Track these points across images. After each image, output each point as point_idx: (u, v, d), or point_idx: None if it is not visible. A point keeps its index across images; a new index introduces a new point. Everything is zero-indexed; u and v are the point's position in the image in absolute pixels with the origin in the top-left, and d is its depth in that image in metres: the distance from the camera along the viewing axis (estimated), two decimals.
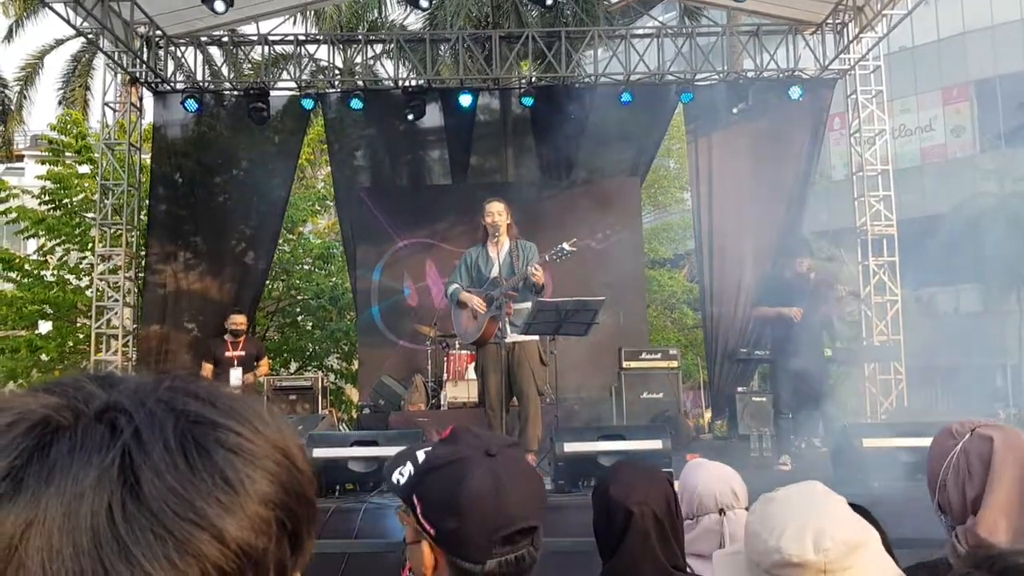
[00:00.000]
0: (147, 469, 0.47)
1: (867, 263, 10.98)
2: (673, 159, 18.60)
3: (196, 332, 11.10)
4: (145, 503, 0.46)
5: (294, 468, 0.53)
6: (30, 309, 14.70)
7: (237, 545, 0.48)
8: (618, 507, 2.03)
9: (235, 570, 0.48)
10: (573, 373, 9.49)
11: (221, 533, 0.47)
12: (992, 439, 1.87)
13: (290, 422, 1.59)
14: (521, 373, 6.38)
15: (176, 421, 0.50)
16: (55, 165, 15.35)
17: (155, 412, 0.50)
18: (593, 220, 10.85)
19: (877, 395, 10.80)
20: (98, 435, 0.48)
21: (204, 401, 0.52)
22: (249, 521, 0.49)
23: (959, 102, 25.08)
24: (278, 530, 0.51)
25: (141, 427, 0.49)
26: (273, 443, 0.53)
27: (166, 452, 0.48)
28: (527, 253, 6.46)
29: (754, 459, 7.94)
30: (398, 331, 11.13)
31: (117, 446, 0.48)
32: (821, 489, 1.49)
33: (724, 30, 11.93)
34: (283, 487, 0.52)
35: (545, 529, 1.46)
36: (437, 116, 11.44)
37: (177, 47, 11.43)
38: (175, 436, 0.49)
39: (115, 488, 0.46)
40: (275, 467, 0.52)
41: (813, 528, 1.38)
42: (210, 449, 0.50)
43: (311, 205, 16.99)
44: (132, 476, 0.47)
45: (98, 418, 0.49)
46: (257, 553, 0.49)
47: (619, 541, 2.01)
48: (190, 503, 0.47)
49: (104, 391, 0.51)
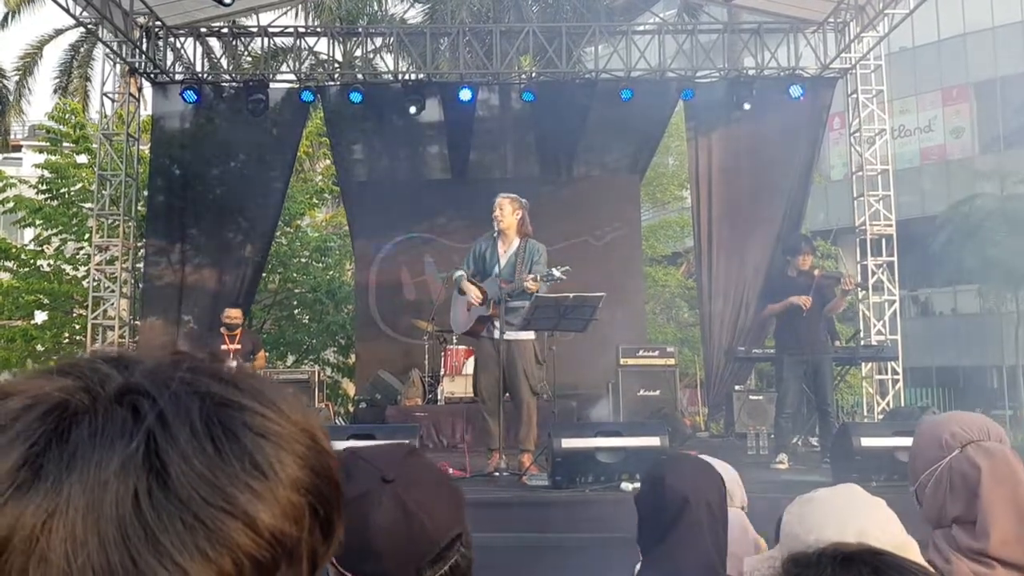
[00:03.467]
0: (174, 454, 0.45)
1: (866, 263, 10.97)
2: (672, 156, 18.58)
3: (192, 324, 11.07)
4: (173, 490, 0.44)
5: (322, 451, 0.51)
6: (26, 299, 14.67)
7: (271, 533, 0.46)
8: (674, 495, 1.99)
9: (269, 560, 0.46)
10: (570, 369, 9.48)
11: (254, 521, 0.45)
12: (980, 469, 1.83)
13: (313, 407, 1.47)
14: (512, 372, 6.30)
15: (202, 404, 0.47)
16: (53, 155, 15.31)
17: (180, 394, 0.47)
18: (592, 216, 10.84)
19: (874, 395, 10.81)
20: (120, 419, 0.46)
21: (228, 383, 0.50)
22: (281, 508, 0.47)
23: (959, 103, 25.07)
24: (311, 517, 0.49)
25: (166, 410, 0.46)
26: (300, 426, 0.50)
27: (193, 437, 0.46)
28: (532, 256, 6.36)
29: (751, 457, 7.93)
30: (395, 325, 11.11)
31: (141, 431, 0.45)
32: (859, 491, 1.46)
33: (725, 27, 11.90)
34: (313, 471, 0.49)
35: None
36: (437, 110, 11.40)
37: (176, 38, 11.39)
38: (201, 420, 0.47)
39: (141, 475, 0.44)
40: (304, 450, 0.49)
41: (855, 528, 1.35)
42: (238, 433, 0.47)
43: (309, 198, 16.96)
44: (159, 462, 0.44)
45: (118, 401, 0.47)
46: (291, 541, 0.47)
47: (668, 530, 1.97)
48: (220, 490, 0.45)
49: (120, 373, 0.49)
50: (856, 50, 10.99)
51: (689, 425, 10.11)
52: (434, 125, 11.60)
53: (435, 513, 1.23)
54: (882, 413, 10.38)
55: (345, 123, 11.75)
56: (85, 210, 14.17)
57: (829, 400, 7.52)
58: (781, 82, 11.03)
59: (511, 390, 6.39)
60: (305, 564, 0.48)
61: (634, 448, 5.69)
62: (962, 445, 1.87)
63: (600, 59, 11.59)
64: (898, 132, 23.73)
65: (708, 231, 11.30)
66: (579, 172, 11.72)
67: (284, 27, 11.89)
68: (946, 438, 1.90)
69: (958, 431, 1.90)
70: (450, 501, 1.28)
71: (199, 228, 11.37)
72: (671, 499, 2.00)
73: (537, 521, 4.94)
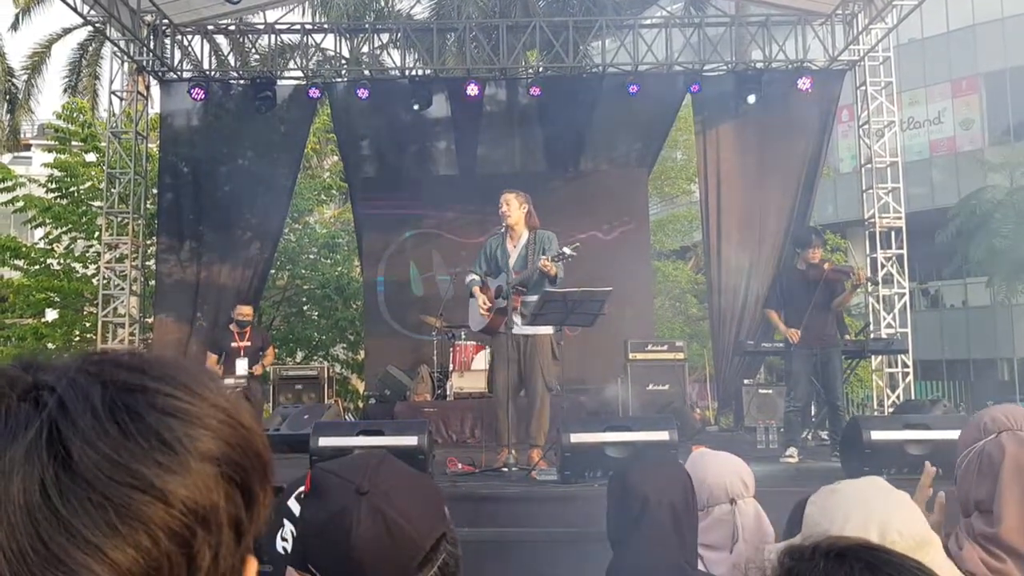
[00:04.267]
0: (76, 439, 0.46)
1: (875, 256, 10.93)
2: (680, 150, 18.53)
3: (202, 322, 11.11)
4: (79, 473, 0.46)
5: (239, 425, 0.53)
6: (37, 297, 14.72)
7: (183, 504, 0.47)
8: (635, 494, 2.00)
9: (185, 529, 0.47)
10: (579, 364, 9.48)
11: (164, 493, 0.47)
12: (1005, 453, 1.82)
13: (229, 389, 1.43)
14: (531, 366, 6.35)
15: (104, 390, 0.49)
16: (62, 153, 15.36)
17: (79, 382, 0.49)
18: (600, 211, 10.82)
19: (884, 388, 10.78)
20: (23, 413, 0.47)
21: (133, 369, 0.51)
22: (193, 479, 0.48)
23: (968, 94, 24.95)
24: (227, 486, 0.50)
25: (65, 398, 0.48)
26: (212, 403, 0.52)
27: (95, 420, 0.47)
28: (543, 244, 6.41)
29: (760, 451, 7.91)
30: (404, 321, 11.13)
31: (43, 420, 0.47)
32: (884, 483, 1.46)
33: (733, 20, 11.86)
34: (227, 443, 0.51)
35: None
36: (444, 106, 11.41)
37: (184, 36, 11.41)
38: (103, 404, 0.48)
39: (47, 462, 0.45)
40: (217, 424, 0.51)
41: (878, 521, 1.35)
42: (143, 413, 0.49)
43: (317, 194, 16.97)
44: (62, 448, 0.46)
45: (22, 398, 0.48)
46: (206, 510, 0.48)
47: (632, 530, 1.98)
48: (126, 467, 0.46)
49: (29, 374, 0.51)
50: (865, 42, 10.93)
51: (699, 419, 10.10)
52: (441, 121, 11.61)
53: (415, 517, 1.21)
54: (892, 406, 10.35)
55: (352, 119, 11.77)
56: (94, 208, 14.21)
57: (839, 394, 7.49)
58: (789, 75, 10.99)
59: (527, 384, 6.41)
60: (227, 531, 0.50)
61: (643, 443, 5.68)
62: (999, 431, 1.87)
63: (607, 53, 11.57)
64: (907, 124, 23.64)
65: (717, 225, 11.27)
66: (587, 167, 11.71)
67: (291, 24, 11.90)
68: (987, 422, 1.91)
69: (1000, 417, 1.91)
70: (429, 502, 1.26)
71: (208, 225, 11.41)
72: (631, 497, 2.02)
73: (546, 516, 4.94)
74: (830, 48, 11.25)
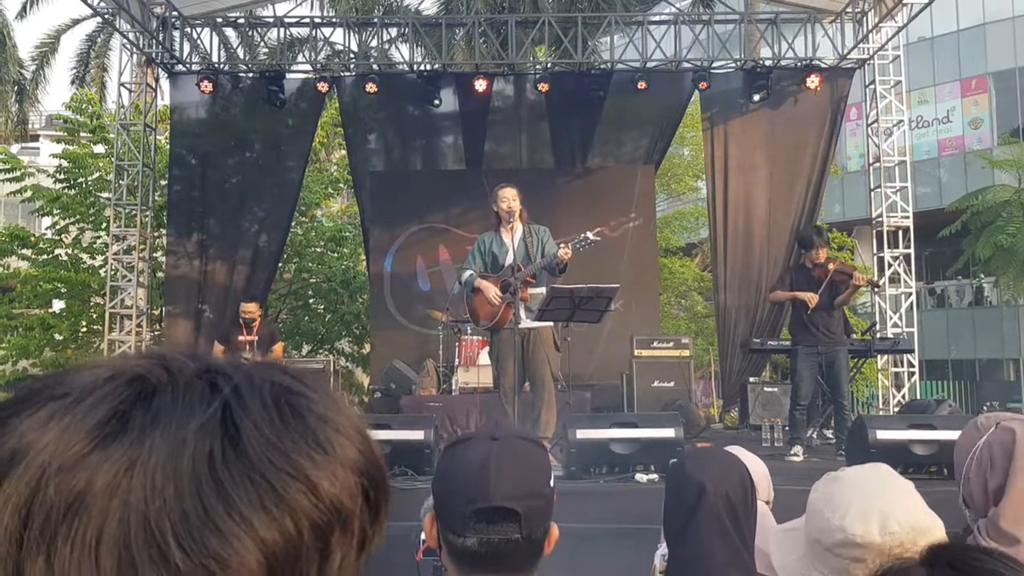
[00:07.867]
0: (247, 422, 0.50)
1: (882, 255, 10.92)
2: (688, 147, 18.51)
3: (208, 313, 11.14)
4: (244, 452, 0.49)
5: (372, 444, 0.56)
6: (44, 287, 14.76)
7: (329, 500, 0.50)
8: (692, 483, 1.99)
9: (326, 524, 0.50)
10: (585, 360, 9.48)
11: (315, 486, 0.50)
12: (1015, 431, 1.85)
13: None
14: (536, 358, 6.31)
15: (272, 387, 0.53)
16: (70, 144, 15.39)
17: (253, 376, 0.53)
18: (607, 207, 10.82)
19: (890, 387, 10.77)
20: (199, 390, 0.51)
21: (295, 377, 0.55)
22: (340, 481, 0.51)
23: (977, 93, 24.87)
24: (363, 497, 0.53)
25: (240, 386, 0.52)
26: (352, 421, 0.56)
27: (264, 409, 0.51)
28: (541, 236, 6.41)
29: (765, 450, 7.91)
30: (410, 315, 11.14)
31: (219, 399, 0.51)
32: (888, 471, 1.46)
33: (742, 18, 11.84)
34: (366, 459, 0.54)
35: (558, 515, 1.45)
36: (452, 101, 11.41)
37: (193, 28, 11.43)
38: (272, 398, 0.52)
39: (217, 436, 0.49)
40: (358, 438, 0.55)
41: (879, 510, 1.36)
42: (303, 413, 0.52)
43: (324, 188, 16.98)
44: (233, 426, 0.50)
45: (198, 376, 0.52)
46: (346, 513, 0.51)
47: (689, 519, 1.98)
48: (287, 456, 0.50)
49: (194, 362, 0.54)
50: (874, 40, 10.90)
51: (703, 417, 10.11)
52: (449, 115, 11.61)
53: (505, 478, 1.42)
54: (898, 406, 10.34)
55: (360, 113, 11.78)
56: (102, 199, 14.25)
57: (844, 393, 7.50)
58: (798, 73, 10.97)
59: (533, 376, 6.38)
60: (355, 539, 0.53)
61: (648, 439, 5.70)
62: (997, 422, 1.90)
63: (616, 49, 11.55)
64: (916, 123, 23.58)
65: (723, 222, 11.26)
66: (594, 163, 11.71)
67: (300, 17, 11.91)
68: (981, 421, 1.95)
69: (991, 415, 1.95)
70: (526, 480, 1.48)
71: (216, 218, 11.44)
72: (689, 487, 2.01)
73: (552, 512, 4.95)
74: (839, 46, 11.22)
